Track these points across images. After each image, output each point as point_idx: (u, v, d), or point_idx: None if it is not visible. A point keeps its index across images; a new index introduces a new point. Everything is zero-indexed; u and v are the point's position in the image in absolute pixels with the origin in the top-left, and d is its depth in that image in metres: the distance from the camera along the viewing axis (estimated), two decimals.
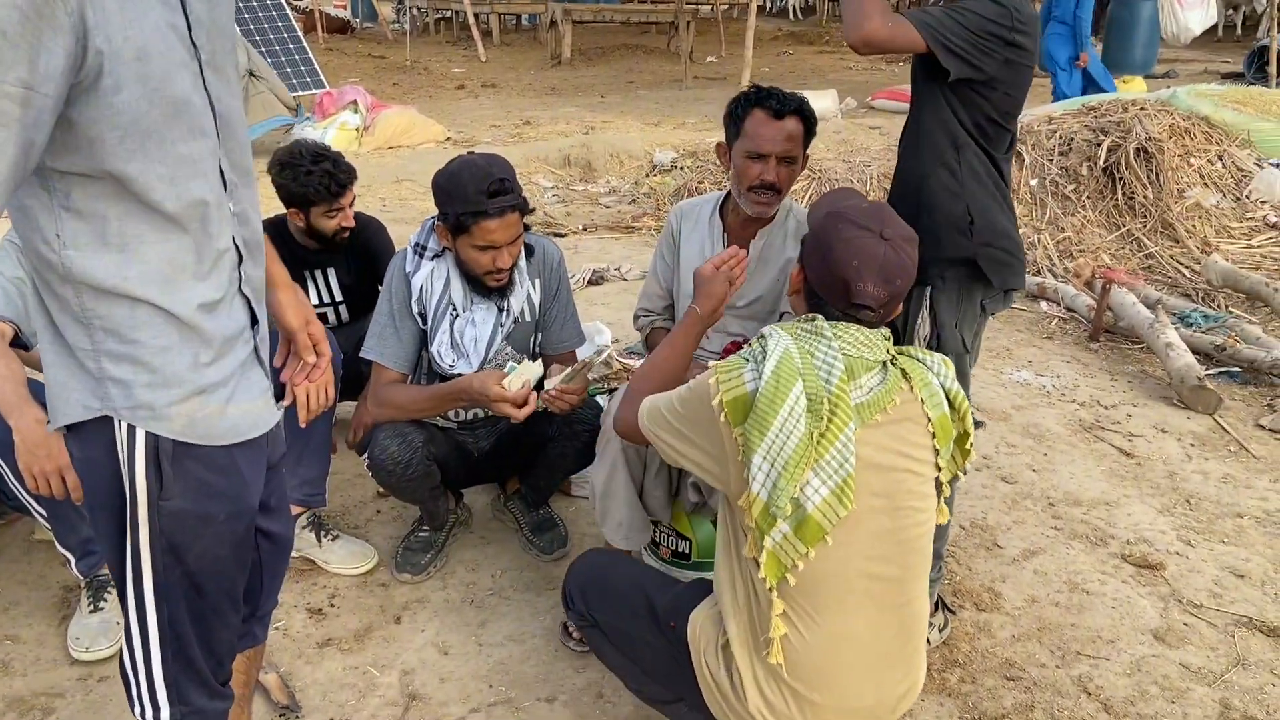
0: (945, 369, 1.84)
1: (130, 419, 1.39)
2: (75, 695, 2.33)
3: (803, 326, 1.76)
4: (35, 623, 2.58)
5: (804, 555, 1.65)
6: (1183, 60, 14.41)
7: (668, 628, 1.88)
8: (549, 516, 3.01)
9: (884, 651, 1.77)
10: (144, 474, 1.42)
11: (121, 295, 1.34)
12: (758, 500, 1.65)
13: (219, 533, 1.52)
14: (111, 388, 1.37)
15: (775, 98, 2.49)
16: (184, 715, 1.61)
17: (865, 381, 1.71)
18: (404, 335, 2.64)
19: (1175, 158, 6.01)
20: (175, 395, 1.41)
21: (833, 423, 1.65)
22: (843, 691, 1.73)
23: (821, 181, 6.63)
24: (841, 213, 1.79)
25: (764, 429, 1.63)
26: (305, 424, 2.48)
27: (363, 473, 3.32)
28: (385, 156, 8.90)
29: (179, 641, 1.56)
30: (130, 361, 1.37)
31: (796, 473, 1.62)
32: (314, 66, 10.30)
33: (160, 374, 1.39)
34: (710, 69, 15.36)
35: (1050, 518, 3.15)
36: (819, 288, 1.77)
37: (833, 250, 1.74)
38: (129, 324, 1.35)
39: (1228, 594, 2.76)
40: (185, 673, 1.59)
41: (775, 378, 1.66)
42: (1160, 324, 4.32)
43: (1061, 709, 2.32)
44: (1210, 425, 3.80)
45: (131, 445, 1.40)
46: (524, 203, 2.50)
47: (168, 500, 1.44)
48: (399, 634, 2.58)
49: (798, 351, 1.70)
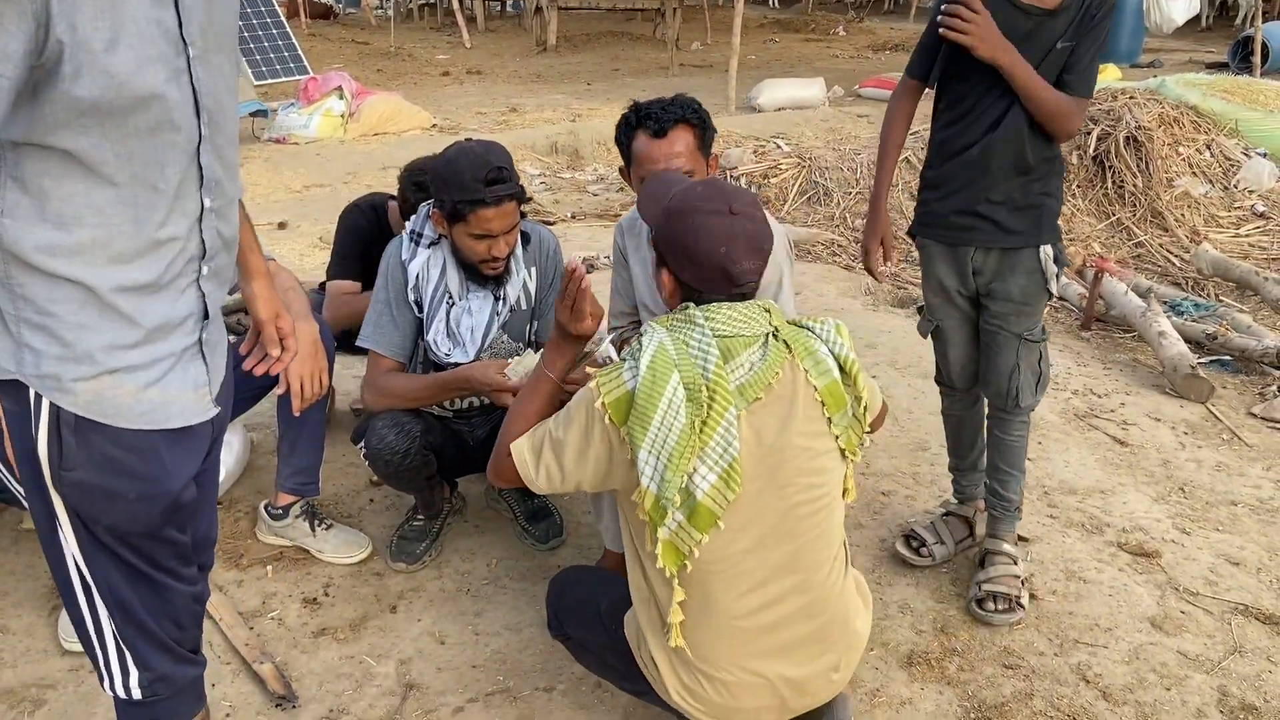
0: (838, 335, 1.86)
1: (37, 386, 1.40)
2: (67, 686, 2.30)
3: (675, 317, 1.79)
4: (24, 613, 2.54)
5: (698, 542, 1.70)
6: (1167, 50, 14.47)
7: (611, 631, 1.95)
8: (544, 505, 2.99)
9: (792, 629, 1.82)
10: (45, 441, 1.43)
11: (45, 271, 1.34)
12: (648, 493, 1.70)
13: (131, 510, 1.51)
14: (26, 354, 1.39)
15: (653, 116, 2.37)
16: (151, 681, 1.62)
17: (745, 359, 1.73)
18: (400, 323, 2.61)
19: (1164, 147, 6.03)
20: (84, 372, 1.41)
21: (712, 409, 1.69)
22: (753, 669, 1.80)
23: (812, 169, 6.62)
24: (684, 205, 1.79)
25: (646, 423, 1.68)
26: (299, 412, 2.46)
27: (356, 461, 3.30)
28: (371, 144, 8.83)
29: (123, 607, 1.57)
30: (45, 332, 1.38)
31: (682, 463, 1.67)
32: (297, 52, 10.21)
33: (72, 349, 1.40)
34: (696, 56, 15.32)
35: (1046, 506, 3.15)
36: (697, 283, 1.78)
37: (697, 244, 1.75)
38: (48, 297, 1.36)
39: (1223, 581, 2.77)
40: (142, 638, 1.60)
41: (651, 372, 1.69)
42: (1153, 313, 4.32)
43: (1060, 697, 2.32)
44: (1203, 414, 3.82)
45: (37, 411, 1.42)
46: (521, 191, 2.47)
47: (69, 470, 1.45)
48: (395, 623, 2.55)
49: (672, 342, 1.73)
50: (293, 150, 8.54)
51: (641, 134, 2.38)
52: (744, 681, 1.81)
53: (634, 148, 2.41)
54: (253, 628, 2.51)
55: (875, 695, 2.32)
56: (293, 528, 2.81)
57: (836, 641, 1.88)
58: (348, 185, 7.48)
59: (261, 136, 8.98)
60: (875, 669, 2.40)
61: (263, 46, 9.82)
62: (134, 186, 1.36)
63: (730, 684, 1.80)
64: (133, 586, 1.57)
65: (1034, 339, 2.55)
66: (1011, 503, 2.67)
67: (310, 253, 5.87)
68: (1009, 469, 2.66)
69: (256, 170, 7.87)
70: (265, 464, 3.21)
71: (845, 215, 6.24)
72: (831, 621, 1.86)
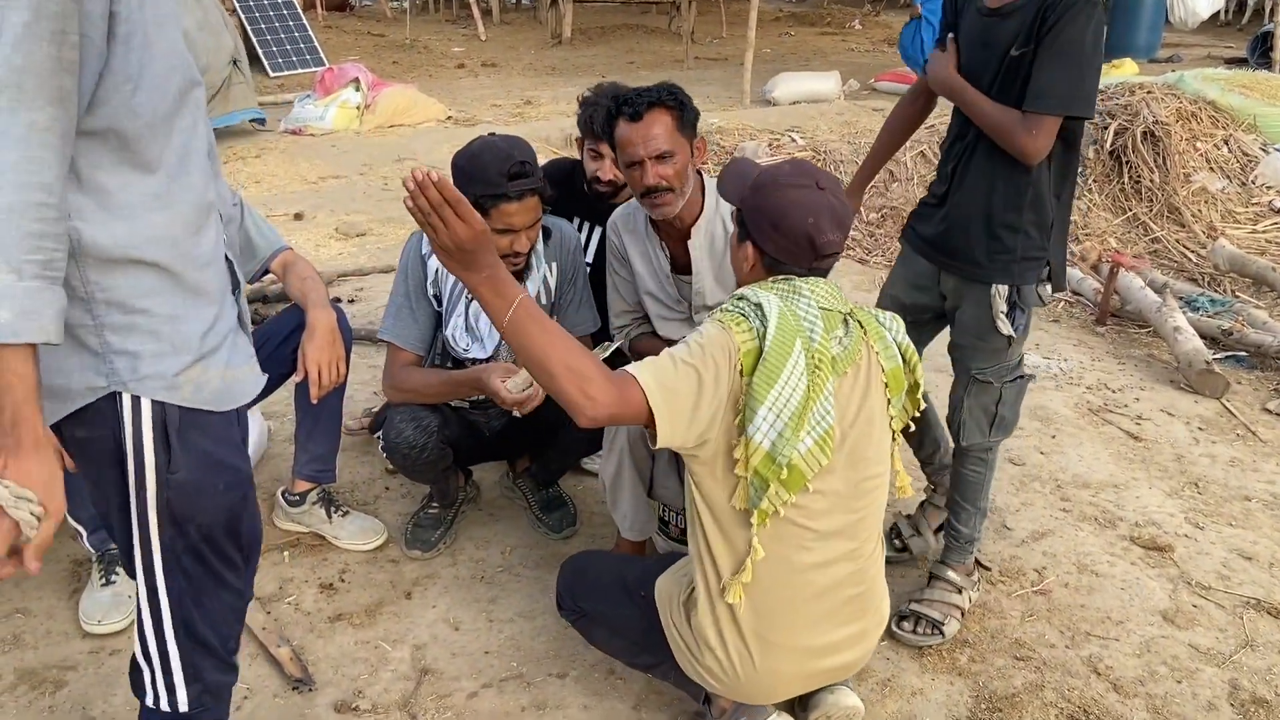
0: (895, 324, 1.96)
1: (138, 391, 1.38)
2: (88, 668, 2.33)
3: (780, 287, 1.85)
4: (45, 596, 2.58)
5: (785, 502, 1.76)
6: (1186, 45, 14.35)
7: (639, 597, 1.99)
8: (558, 495, 3.01)
9: (838, 593, 1.89)
10: (152, 447, 1.41)
11: (130, 261, 1.33)
12: (759, 449, 1.73)
13: (219, 503, 1.52)
14: (118, 362, 1.36)
15: (628, 101, 2.41)
16: (200, 694, 1.61)
17: (837, 334, 1.83)
18: (420, 317, 2.63)
19: (1182, 142, 5.99)
20: (184, 362, 1.41)
21: (816, 377, 1.76)
22: (801, 631, 1.87)
23: (825, 163, 6.61)
24: (773, 180, 1.86)
25: (771, 381, 1.72)
26: (316, 399, 2.49)
27: (372, 449, 3.33)
28: (386, 135, 8.85)
29: (188, 618, 1.56)
30: (137, 332, 1.36)
31: (799, 426, 1.73)
32: (314, 44, 10.25)
33: (169, 341, 1.39)
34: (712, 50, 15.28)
35: (1059, 500, 3.15)
36: (782, 255, 1.84)
37: (787, 216, 1.82)
38: (134, 291, 1.35)
39: (1236, 576, 2.77)
40: (198, 649, 1.59)
41: (780, 333, 1.74)
42: (1168, 308, 4.31)
43: (1071, 689, 2.33)
44: (1217, 409, 3.81)
45: (137, 418, 1.39)
46: (544, 186, 2.47)
47: (175, 473, 1.44)
48: (410, 609, 2.58)
49: (788, 311, 1.79)
50: (308, 142, 8.57)
51: (620, 120, 2.43)
52: (789, 646, 1.88)
53: (615, 134, 2.45)
54: (270, 612, 2.54)
55: (886, 685, 2.33)
56: (309, 514, 2.83)
57: (869, 614, 1.97)
58: (363, 177, 7.50)
59: (278, 129, 9.01)
60: (887, 659, 2.41)
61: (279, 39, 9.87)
62: (183, 159, 1.37)
63: (777, 647, 1.87)
64: (201, 595, 1.57)
65: (985, 379, 2.40)
66: (961, 535, 2.56)
67: (326, 243, 5.90)
68: (963, 502, 2.54)
69: (273, 161, 7.90)
70: (282, 451, 3.24)
71: (860, 209, 6.22)
72: (870, 593, 1.96)
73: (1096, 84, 2.18)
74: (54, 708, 2.21)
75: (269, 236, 2.73)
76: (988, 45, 2.23)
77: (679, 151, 2.42)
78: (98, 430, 1.40)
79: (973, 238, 2.33)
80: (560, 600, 2.21)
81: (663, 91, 2.41)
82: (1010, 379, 2.42)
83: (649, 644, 2.01)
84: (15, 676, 2.30)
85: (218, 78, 8.02)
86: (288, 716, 2.21)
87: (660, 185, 2.41)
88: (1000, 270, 2.31)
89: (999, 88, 2.22)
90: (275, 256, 2.71)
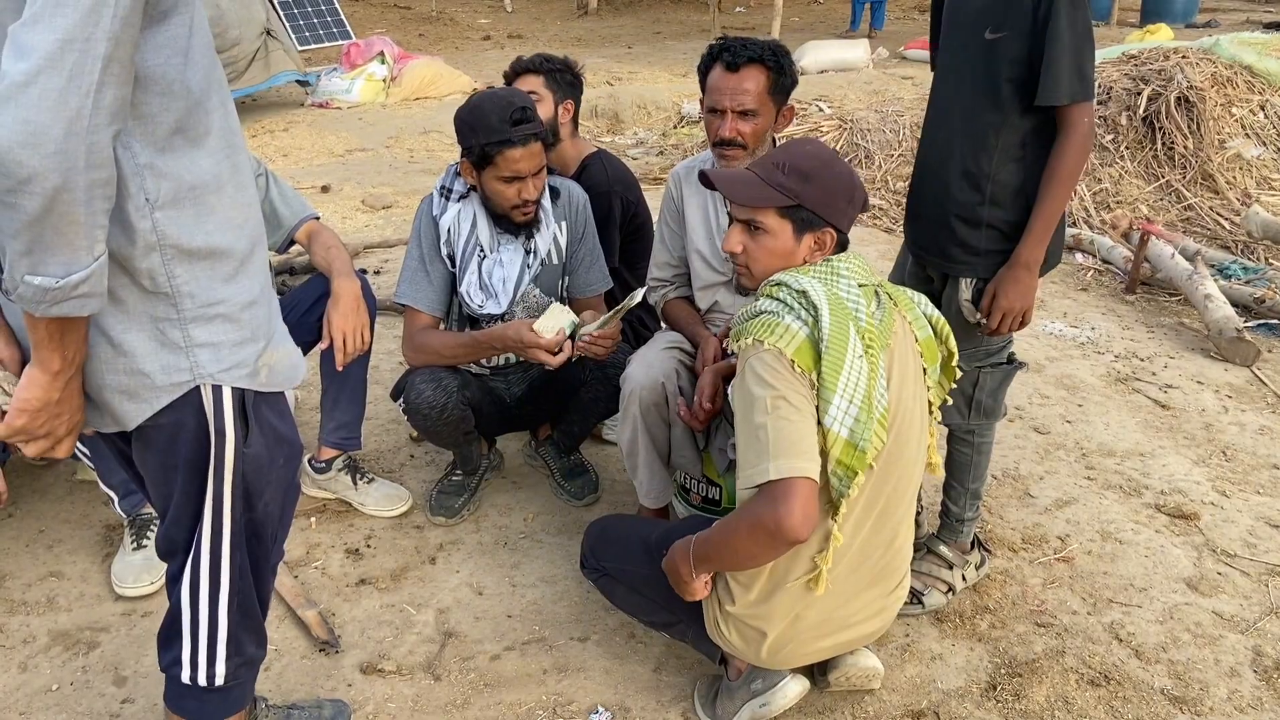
0: (920, 296, 1.98)
1: (223, 380, 1.41)
2: (120, 630, 2.39)
3: (819, 270, 1.86)
4: (79, 560, 2.63)
5: (855, 483, 1.77)
6: (1224, 10, 14.05)
7: (660, 556, 2.02)
8: (580, 463, 3.03)
9: (874, 561, 1.92)
10: (233, 430, 1.45)
11: (209, 250, 1.34)
12: (838, 439, 1.73)
13: (281, 476, 1.58)
14: (202, 354, 1.38)
15: (730, 50, 2.37)
16: (237, 667, 1.66)
17: (872, 309, 1.84)
18: (435, 278, 2.65)
19: (1217, 107, 5.87)
20: (260, 347, 1.45)
21: (870, 356, 1.77)
22: (834, 598, 1.89)
23: (853, 132, 6.55)
24: (819, 162, 1.89)
25: (838, 369, 1.73)
26: (342, 367, 2.52)
27: (397, 418, 3.36)
28: (412, 108, 8.86)
29: (243, 593, 1.61)
30: (219, 321, 1.38)
31: (870, 409, 1.75)
32: (340, 17, 10.24)
33: (247, 327, 1.42)
34: (739, 19, 15.14)
35: (1083, 468, 3.13)
36: (827, 211, 1.86)
37: (853, 185, 1.90)
38: (215, 281, 1.37)
39: (1262, 544, 2.74)
40: (244, 623, 1.65)
41: (835, 319, 1.75)
42: (1199, 275, 4.25)
43: (1092, 655, 2.33)
44: (1248, 377, 3.76)
45: (219, 404, 1.42)
46: (546, 133, 2.52)
47: (250, 447, 1.48)
48: (434, 574, 2.61)
49: (834, 295, 1.81)
50: (335, 115, 8.60)
51: (718, 65, 2.40)
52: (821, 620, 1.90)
53: (709, 78, 2.43)
54: (297, 576, 2.58)
55: (906, 650, 2.34)
56: (335, 481, 2.87)
57: (895, 572, 1.99)
58: (389, 149, 7.53)
59: (305, 102, 9.05)
60: (907, 624, 2.42)
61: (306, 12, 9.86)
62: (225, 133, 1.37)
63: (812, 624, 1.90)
64: (253, 569, 1.62)
65: (962, 366, 2.22)
66: (952, 513, 2.52)
67: (353, 215, 5.93)
68: (954, 482, 2.51)
69: (300, 134, 7.94)
70: (309, 420, 3.28)
71: (887, 178, 6.17)
72: (899, 552, 1.97)
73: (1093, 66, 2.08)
74: (87, 668, 2.27)
75: (294, 206, 2.74)
76: (959, 25, 2.20)
77: (763, 113, 2.41)
78: (171, 417, 1.42)
79: (958, 223, 2.25)
80: (584, 559, 2.24)
81: (765, 49, 2.39)
82: (987, 364, 2.35)
83: (668, 602, 2.04)
84: (49, 638, 2.36)
85: (250, 48, 8.08)
86: (315, 677, 2.25)
87: (735, 140, 2.40)
88: (965, 265, 2.27)
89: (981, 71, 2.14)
90: (300, 226, 2.73)
